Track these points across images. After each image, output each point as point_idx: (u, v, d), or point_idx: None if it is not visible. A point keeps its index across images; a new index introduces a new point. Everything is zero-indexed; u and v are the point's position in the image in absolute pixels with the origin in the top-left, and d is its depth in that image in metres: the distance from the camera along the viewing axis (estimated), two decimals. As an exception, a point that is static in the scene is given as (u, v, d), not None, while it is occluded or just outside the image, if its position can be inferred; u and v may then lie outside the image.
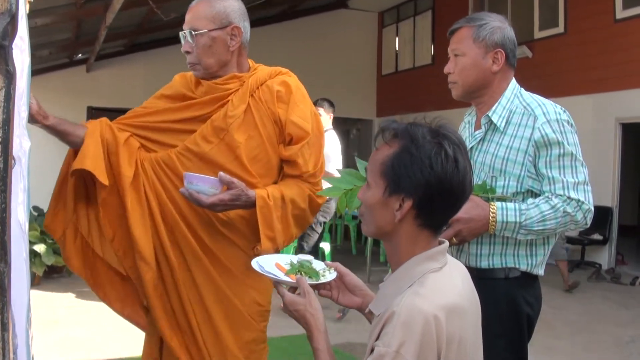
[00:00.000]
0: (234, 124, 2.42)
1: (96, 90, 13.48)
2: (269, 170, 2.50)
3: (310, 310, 1.73)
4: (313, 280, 1.83)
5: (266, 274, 1.86)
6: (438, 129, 1.58)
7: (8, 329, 1.01)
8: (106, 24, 8.54)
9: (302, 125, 2.46)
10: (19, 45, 1.29)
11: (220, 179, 2.29)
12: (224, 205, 2.32)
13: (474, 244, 2.42)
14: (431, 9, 14.22)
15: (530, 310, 2.42)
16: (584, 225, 2.35)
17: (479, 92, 2.47)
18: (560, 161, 2.30)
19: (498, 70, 2.42)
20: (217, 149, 2.42)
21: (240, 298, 2.48)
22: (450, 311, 1.50)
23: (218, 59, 2.46)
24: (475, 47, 2.41)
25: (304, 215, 2.54)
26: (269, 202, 2.38)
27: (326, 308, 1.78)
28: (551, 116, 2.32)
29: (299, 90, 2.53)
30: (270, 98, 2.46)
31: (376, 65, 16.24)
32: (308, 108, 2.52)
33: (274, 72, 2.55)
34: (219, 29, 2.43)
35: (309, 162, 2.49)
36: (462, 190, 1.55)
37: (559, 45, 10.65)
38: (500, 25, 2.42)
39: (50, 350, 5.23)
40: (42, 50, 11.02)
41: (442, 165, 1.51)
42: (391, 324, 1.48)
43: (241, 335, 2.49)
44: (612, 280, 9.07)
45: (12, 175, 1.03)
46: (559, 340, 6.05)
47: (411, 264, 1.59)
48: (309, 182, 2.52)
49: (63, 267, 7.79)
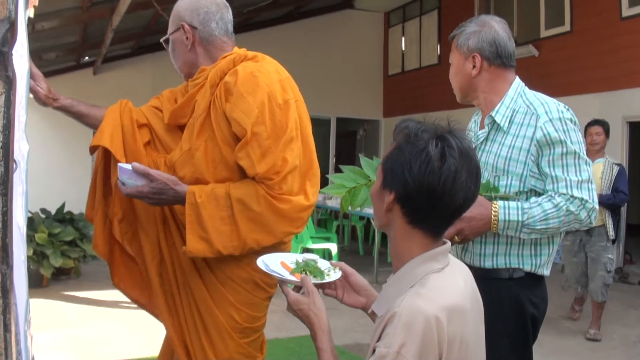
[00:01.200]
0: (196, 124, 2.31)
1: (103, 92, 13.50)
2: (232, 173, 2.30)
3: (313, 310, 1.73)
4: (318, 280, 1.83)
5: (271, 272, 1.86)
6: (439, 130, 1.58)
7: (10, 330, 1.02)
8: (112, 26, 8.58)
9: (241, 121, 2.19)
10: (19, 50, 1.31)
11: (134, 169, 2.22)
12: (147, 197, 2.24)
13: (477, 244, 2.42)
14: (437, 8, 14.20)
15: (535, 311, 2.41)
16: (589, 224, 2.34)
17: (470, 96, 2.53)
18: (563, 159, 2.29)
19: (477, 74, 2.45)
20: (185, 156, 2.34)
21: (219, 306, 2.40)
22: (451, 312, 1.50)
23: (183, 59, 2.48)
24: (457, 54, 2.50)
25: (261, 220, 2.25)
26: (197, 200, 2.22)
27: (333, 309, 1.77)
28: (553, 115, 2.32)
29: (252, 79, 2.23)
30: (222, 92, 2.26)
31: (382, 66, 16.24)
32: (257, 99, 2.20)
33: (238, 58, 2.35)
34: (175, 32, 2.46)
35: (257, 163, 2.20)
36: (446, 193, 1.53)
37: (565, 43, 10.62)
38: (476, 29, 2.44)
39: (57, 351, 5.26)
40: (49, 53, 11.07)
41: (420, 165, 1.52)
42: (392, 325, 1.48)
43: (219, 344, 2.41)
44: (620, 280, 9.01)
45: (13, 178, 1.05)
46: (567, 340, 6.04)
47: (412, 265, 1.60)
48: (264, 184, 2.23)
49: (71, 269, 7.83)
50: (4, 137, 0.96)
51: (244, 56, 2.37)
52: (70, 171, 13.24)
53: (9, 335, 1.00)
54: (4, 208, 0.97)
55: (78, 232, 7.74)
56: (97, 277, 8.02)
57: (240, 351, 2.42)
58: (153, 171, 2.24)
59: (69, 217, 8.14)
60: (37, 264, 7.12)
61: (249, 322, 2.44)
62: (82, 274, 8.07)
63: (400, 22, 15.58)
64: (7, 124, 0.97)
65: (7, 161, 0.97)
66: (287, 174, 2.25)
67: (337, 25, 15.40)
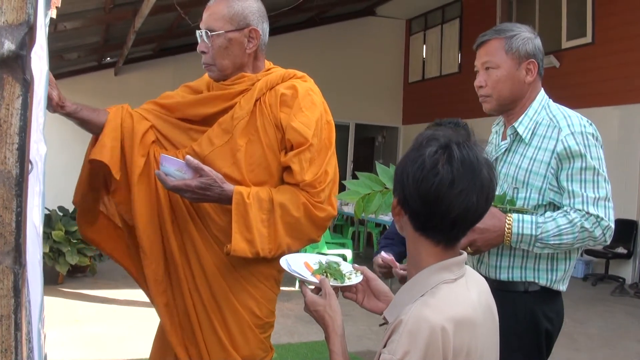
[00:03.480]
0: (238, 126, 2.36)
1: (124, 93, 13.61)
2: (270, 177, 2.40)
3: (329, 312, 1.74)
4: (337, 282, 1.85)
5: (292, 272, 1.88)
6: (449, 141, 1.57)
7: (21, 329, 1.03)
8: (135, 28, 8.65)
9: (302, 131, 2.32)
10: (38, 52, 1.33)
11: (187, 163, 2.22)
12: (191, 191, 2.24)
13: (493, 255, 2.40)
14: (459, 17, 14.18)
15: (550, 326, 2.39)
16: (603, 242, 2.31)
17: (512, 104, 2.45)
18: (582, 175, 2.27)
19: (532, 80, 2.41)
20: (218, 152, 2.38)
21: (241, 302, 2.42)
22: (459, 323, 1.49)
23: (233, 60, 2.41)
24: (508, 58, 2.39)
25: (298, 226, 2.36)
26: (246, 200, 2.28)
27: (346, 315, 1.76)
28: (575, 128, 2.30)
29: (308, 96, 2.39)
30: (275, 101, 2.37)
31: (403, 73, 16.24)
32: (315, 115, 2.37)
33: (287, 75, 2.47)
34: (236, 31, 2.38)
35: (306, 171, 2.33)
36: (438, 200, 1.52)
37: (586, 55, 10.56)
38: (530, 35, 2.42)
39: (70, 348, 5.31)
40: (71, 53, 11.17)
41: (415, 171, 1.54)
42: (398, 332, 1.48)
43: (241, 340, 2.43)
44: (635, 295, 8.91)
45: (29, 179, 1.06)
46: (578, 354, 5.99)
47: (425, 274, 1.60)
48: (307, 191, 2.35)
49: (87, 267, 7.90)
50: (20, 139, 0.98)
51: (293, 74, 2.48)
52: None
53: (19, 334, 1.01)
54: (18, 209, 0.98)
55: (95, 230, 7.79)
56: (112, 276, 8.08)
57: (260, 346, 2.46)
58: (205, 166, 2.26)
59: (86, 215, 8.19)
60: (53, 261, 7.19)
61: (268, 317, 2.49)
62: (98, 272, 8.12)
63: (422, 30, 15.57)
64: (24, 126, 0.98)
65: (22, 163, 0.98)
66: (326, 185, 2.39)
67: (359, 32, 15.43)
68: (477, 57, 2.49)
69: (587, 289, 9.28)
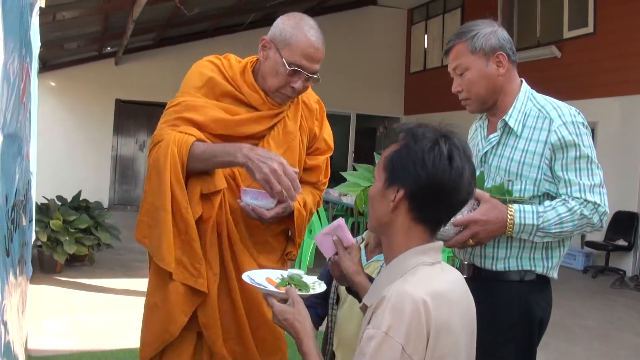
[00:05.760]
0: (294, 140, 2.53)
1: (125, 83, 13.62)
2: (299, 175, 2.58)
3: (298, 319, 1.78)
4: (304, 292, 1.90)
5: (257, 285, 1.93)
6: (442, 130, 1.65)
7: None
8: (133, 17, 8.62)
9: (330, 142, 2.70)
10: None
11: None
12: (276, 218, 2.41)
13: (490, 246, 2.41)
14: (460, 7, 14.15)
15: (543, 314, 2.42)
16: (599, 227, 2.36)
17: (493, 100, 2.46)
18: (577, 163, 2.30)
19: (505, 71, 2.41)
20: None
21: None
22: (438, 297, 1.55)
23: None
24: (475, 58, 2.42)
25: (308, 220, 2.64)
26: (302, 211, 2.50)
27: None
28: (567, 118, 2.31)
29: (324, 110, 2.72)
30: (309, 115, 2.62)
31: (404, 63, 16.22)
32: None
33: None
34: None
35: (326, 172, 2.71)
36: (454, 189, 1.61)
37: (588, 45, 10.52)
38: (491, 29, 2.41)
39: (67, 337, 5.31)
40: (70, 43, 11.15)
41: (434, 161, 1.59)
42: (381, 308, 1.53)
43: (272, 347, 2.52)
44: (635, 288, 8.88)
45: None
46: (575, 346, 5.99)
47: (404, 257, 1.66)
48: (320, 189, 2.71)
49: (85, 256, 7.88)
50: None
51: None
52: (91, 161, 13.36)
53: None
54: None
55: (93, 220, 7.78)
56: (111, 266, 8.08)
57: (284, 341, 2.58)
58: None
59: (84, 204, 8.18)
60: (52, 250, 7.18)
61: None
62: (96, 262, 8.11)
63: (423, 20, 15.54)
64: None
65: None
66: None
67: (360, 21, 15.40)
68: (449, 64, 2.53)
69: (587, 282, 9.29)
